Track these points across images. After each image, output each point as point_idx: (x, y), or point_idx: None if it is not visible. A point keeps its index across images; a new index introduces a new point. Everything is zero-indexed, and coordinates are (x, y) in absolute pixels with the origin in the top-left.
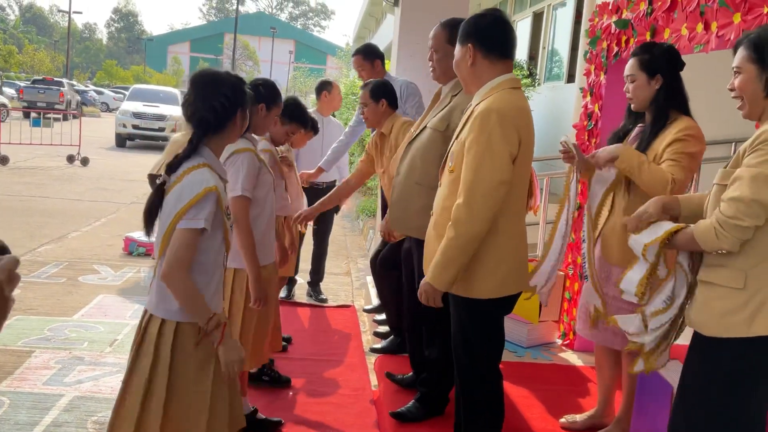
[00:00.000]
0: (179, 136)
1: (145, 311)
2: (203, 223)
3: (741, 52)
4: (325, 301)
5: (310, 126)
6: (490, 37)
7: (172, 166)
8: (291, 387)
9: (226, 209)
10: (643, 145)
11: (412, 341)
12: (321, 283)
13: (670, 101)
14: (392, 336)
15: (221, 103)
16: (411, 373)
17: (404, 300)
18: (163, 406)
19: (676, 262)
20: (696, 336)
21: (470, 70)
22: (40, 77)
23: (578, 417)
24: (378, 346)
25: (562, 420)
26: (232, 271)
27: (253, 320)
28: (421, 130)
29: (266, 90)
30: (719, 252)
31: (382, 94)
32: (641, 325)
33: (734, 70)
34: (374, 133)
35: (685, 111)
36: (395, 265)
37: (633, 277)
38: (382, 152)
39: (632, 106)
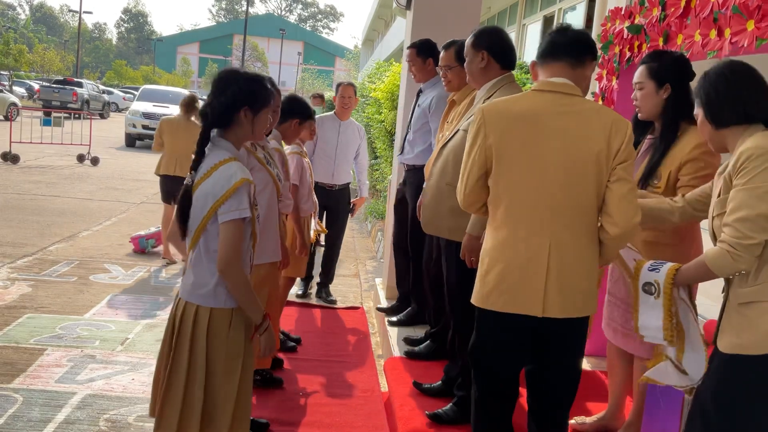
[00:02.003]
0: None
1: (179, 299)
2: (248, 212)
3: None
4: (334, 302)
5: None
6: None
7: (195, 165)
8: (301, 388)
9: (253, 200)
10: (656, 159)
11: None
12: (330, 285)
13: (680, 112)
14: (428, 341)
15: (220, 101)
16: (439, 382)
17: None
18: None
19: (678, 297)
20: (736, 359)
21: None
22: (61, 77)
23: (588, 419)
24: (415, 349)
25: (572, 421)
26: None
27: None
28: (455, 133)
29: None
30: (736, 274)
31: None
32: (676, 371)
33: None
34: (446, 97)
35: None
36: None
37: (650, 323)
38: (446, 117)
39: (639, 114)
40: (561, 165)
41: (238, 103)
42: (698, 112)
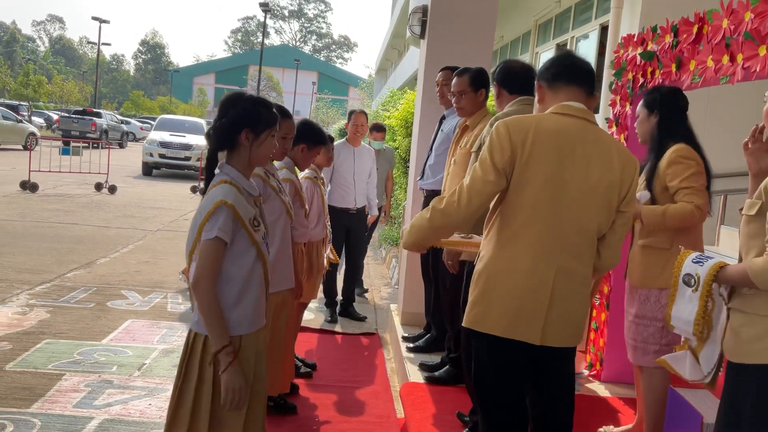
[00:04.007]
0: None
1: (190, 331)
2: (215, 233)
3: None
4: (364, 319)
5: (329, 141)
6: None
7: (205, 190)
8: (316, 414)
9: (251, 221)
10: (648, 176)
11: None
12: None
13: (667, 133)
14: (448, 366)
15: (222, 124)
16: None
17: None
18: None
19: (717, 293)
20: (728, 363)
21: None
22: (80, 108)
23: (615, 429)
24: (435, 375)
25: (600, 430)
26: None
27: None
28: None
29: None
30: None
31: (482, 84)
32: (693, 363)
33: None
34: (459, 122)
35: (683, 139)
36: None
37: (682, 315)
38: (457, 142)
39: (639, 139)
40: (579, 192)
41: (239, 125)
42: None
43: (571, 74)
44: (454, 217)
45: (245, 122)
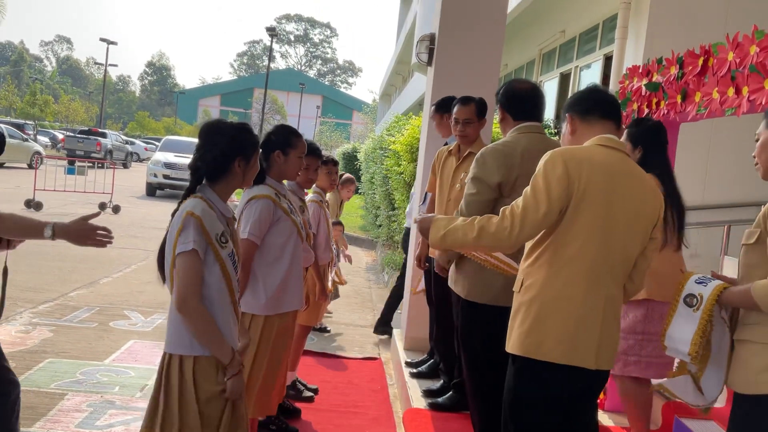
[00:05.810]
0: None
1: (164, 354)
2: (192, 245)
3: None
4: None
5: (324, 158)
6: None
7: (174, 212)
8: None
9: (218, 237)
10: None
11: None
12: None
13: (646, 167)
14: (451, 392)
15: (214, 155)
16: None
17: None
18: None
19: (719, 316)
20: (736, 396)
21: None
22: (86, 128)
23: None
24: (438, 401)
25: None
26: (250, 317)
27: (262, 368)
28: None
29: (278, 137)
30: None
31: (484, 113)
32: (694, 389)
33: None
34: (450, 147)
35: (661, 173)
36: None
37: (679, 335)
38: (457, 171)
39: None
40: (626, 222)
41: (232, 154)
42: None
43: (605, 108)
44: (506, 243)
45: (237, 151)
